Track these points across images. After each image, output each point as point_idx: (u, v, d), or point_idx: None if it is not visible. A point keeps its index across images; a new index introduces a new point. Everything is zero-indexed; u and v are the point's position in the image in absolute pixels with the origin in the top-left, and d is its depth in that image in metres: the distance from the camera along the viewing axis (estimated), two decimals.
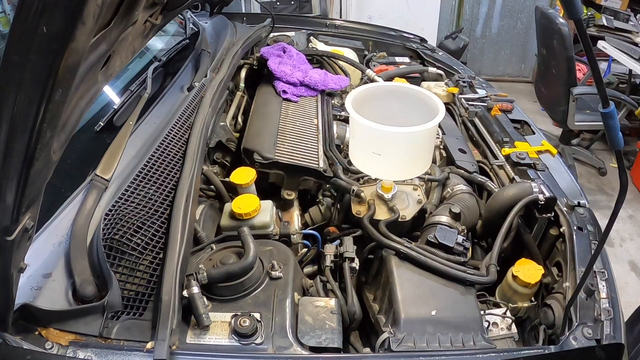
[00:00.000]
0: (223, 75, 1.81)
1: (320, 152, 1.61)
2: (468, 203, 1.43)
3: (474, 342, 1.04)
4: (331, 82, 1.96)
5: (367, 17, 4.73)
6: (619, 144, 0.72)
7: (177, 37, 2.29)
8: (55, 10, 0.60)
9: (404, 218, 1.32)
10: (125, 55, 1.25)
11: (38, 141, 0.70)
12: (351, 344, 1.20)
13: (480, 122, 1.92)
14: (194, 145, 1.41)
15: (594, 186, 3.78)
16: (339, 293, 1.18)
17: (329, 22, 2.89)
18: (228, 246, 1.18)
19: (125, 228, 1.13)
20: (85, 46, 0.72)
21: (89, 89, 0.99)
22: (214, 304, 1.06)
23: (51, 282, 1.01)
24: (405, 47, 2.71)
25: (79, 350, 0.92)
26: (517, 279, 1.22)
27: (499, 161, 1.68)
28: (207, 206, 1.41)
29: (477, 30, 5.30)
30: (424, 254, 1.18)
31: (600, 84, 0.67)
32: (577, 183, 1.55)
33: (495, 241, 1.29)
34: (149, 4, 1.32)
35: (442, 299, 1.12)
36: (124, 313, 1.02)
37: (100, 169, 1.22)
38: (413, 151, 1.22)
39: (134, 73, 1.84)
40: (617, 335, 1.05)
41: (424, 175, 1.48)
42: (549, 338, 1.15)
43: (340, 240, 1.29)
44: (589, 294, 1.12)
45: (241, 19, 2.77)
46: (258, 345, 0.98)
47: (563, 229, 1.33)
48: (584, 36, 0.63)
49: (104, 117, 1.53)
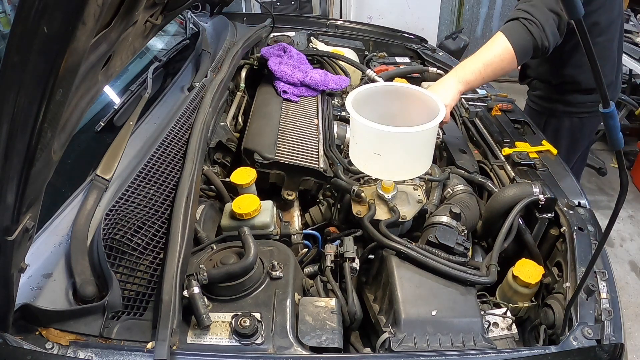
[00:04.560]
0: (223, 75, 1.81)
1: (320, 152, 1.61)
2: (468, 203, 1.43)
3: (475, 342, 1.04)
4: (331, 82, 1.96)
5: (368, 17, 4.74)
6: (619, 144, 0.72)
7: (177, 37, 2.29)
8: (56, 10, 0.60)
9: (405, 218, 1.32)
10: (126, 55, 1.26)
11: (38, 141, 0.70)
12: (351, 344, 1.20)
13: (480, 122, 1.92)
14: (195, 146, 1.41)
15: (594, 186, 3.78)
16: (339, 293, 1.18)
17: (329, 22, 2.89)
18: (228, 246, 1.18)
19: (126, 228, 1.13)
20: (85, 46, 0.72)
21: (89, 89, 0.99)
22: (215, 304, 1.06)
23: (51, 282, 1.01)
24: (405, 47, 2.71)
25: (79, 350, 0.92)
26: (518, 279, 1.22)
27: (499, 161, 1.68)
28: (207, 206, 1.41)
29: (478, 30, 5.31)
30: (425, 254, 1.18)
31: (601, 84, 0.67)
32: (578, 183, 1.55)
33: (496, 241, 1.29)
34: (150, 4, 1.32)
35: (442, 299, 1.12)
36: (124, 313, 1.02)
37: (101, 169, 1.22)
38: (413, 151, 1.22)
39: (134, 73, 1.84)
40: (617, 335, 1.05)
41: (425, 176, 1.48)
42: (549, 338, 1.15)
43: (341, 241, 1.29)
44: (589, 294, 1.12)
45: (241, 19, 2.78)
46: (258, 346, 0.98)
47: (563, 229, 1.33)
48: (585, 36, 0.63)
49: (105, 117, 1.53)
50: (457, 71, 1.70)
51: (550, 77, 2.09)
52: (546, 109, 2.16)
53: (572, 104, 2.08)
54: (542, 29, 1.62)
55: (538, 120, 2.15)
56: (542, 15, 1.62)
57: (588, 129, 2.16)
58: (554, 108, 2.13)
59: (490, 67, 1.66)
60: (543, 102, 2.18)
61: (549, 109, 2.15)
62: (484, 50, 1.69)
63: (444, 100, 1.60)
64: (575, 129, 2.13)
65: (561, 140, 2.12)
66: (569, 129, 2.13)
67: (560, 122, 2.13)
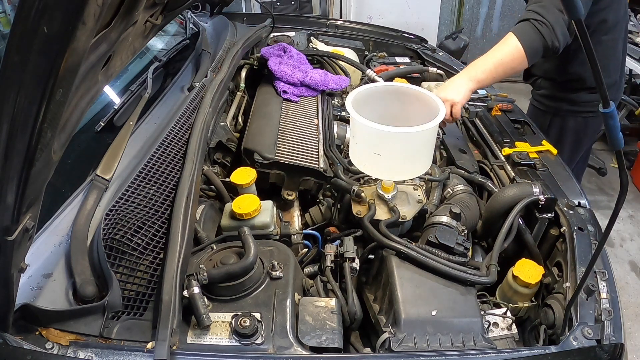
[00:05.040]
0: (223, 75, 1.81)
1: (320, 152, 1.61)
2: (468, 203, 1.43)
3: (475, 342, 1.04)
4: (331, 82, 1.96)
5: (368, 17, 4.74)
6: (619, 144, 0.72)
7: (177, 37, 2.29)
8: (56, 10, 0.60)
9: (405, 218, 1.32)
10: (126, 55, 1.26)
11: (38, 141, 0.70)
12: (351, 344, 1.20)
13: (480, 122, 1.92)
14: (195, 146, 1.41)
15: (594, 186, 3.78)
16: (339, 293, 1.18)
17: (329, 22, 2.89)
18: (228, 246, 1.18)
19: (126, 228, 1.13)
20: (85, 46, 0.72)
21: (89, 89, 0.99)
22: (215, 304, 1.06)
23: (51, 282, 1.01)
24: (405, 47, 2.71)
25: (79, 350, 0.92)
26: (518, 279, 1.22)
27: (499, 161, 1.68)
28: (207, 206, 1.41)
29: (478, 30, 5.30)
30: (425, 254, 1.18)
31: (601, 84, 0.67)
32: (578, 183, 1.55)
33: (496, 241, 1.29)
34: (150, 4, 1.32)
35: (442, 299, 1.12)
36: (124, 313, 1.02)
37: (101, 169, 1.22)
38: (413, 151, 1.22)
39: (134, 73, 1.84)
40: (617, 335, 1.05)
41: (425, 176, 1.48)
42: (549, 338, 1.15)
43: (341, 241, 1.29)
44: (589, 294, 1.12)
45: (241, 19, 2.78)
46: (258, 346, 0.98)
47: (563, 229, 1.33)
48: (585, 36, 0.63)
49: (105, 117, 1.53)
50: (469, 70, 1.73)
51: (555, 75, 2.10)
52: (551, 108, 2.17)
53: (577, 103, 2.09)
54: (552, 29, 1.64)
55: (542, 119, 2.16)
56: (552, 16, 1.65)
57: (591, 129, 2.17)
58: (559, 107, 2.13)
59: (501, 67, 1.69)
60: (548, 101, 2.18)
61: (553, 107, 2.16)
62: (495, 49, 1.72)
63: (455, 97, 1.64)
64: (579, 129, 2.14)
65: (565, 140, 2.13)
66: (573, 128, 2.13)
67: (564, 121, 2.14)
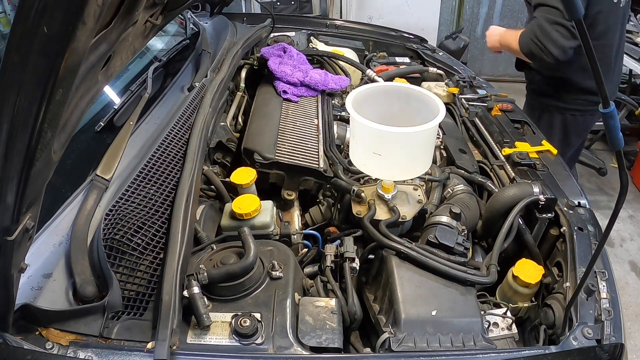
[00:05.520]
0: (223, 75, 1.81)
1: (320, 152, 1.61)
2: (468, 203, 1.43)
3: (475, 342, 1.04)
4: (331, 82, 1.96)
5: (368, 18, 4.74)
6: (619, 144, 0.72)
7: (177, 37, 2.29)
8: (56, 10, 0.60)
9: (405, 218, 1.32)
10: (126, 55, 1.26)
11: (38, 141, 0.70)
12: (351, 344, 1.20)
13: (480, 122, 1.92)
14: (195, 146, 1.41)
15: (594, 186, 3.78)
16: (339, 293, 1.18)
17: (329, 22, 2.89)
18: (228, 246, 1.18)
19: (126, 228, 1.13)
20: (85, 46, 0.72)
21: (89, 89, 0.99)
22: (215, 304, 1.06)
23: (51, 282, 1.01)
24: (405, 47, 2.72)
25: (79, 350, 0.92)
26: (518, 279, 1.22)
27: (499, 161, 1.68)
28: (207, 206, 1.41)
29: (478, 30, 5.30)
30: (425, 254, 1.18)
31: (601, 84, 0.67)
32: (578, 183, 1.55)
33: (496, 241, 1.29)
34: (150, 4, 1.32)
35: (442, 299, 1.12)
36: (124, 313, 1.02)
37: (101, 169, 1.22)
38: (413, 151, 1.22)
39: (134, 73, 1.84)
40: (617, 335, 1.05)
41: (425, 176, 1.48)
42: (549, 338, 1.15)
43: (341, 241, 1.29)
44: (589, 294, 1.12)
45: (241, 19, 2.78)
46: (258, 346, 0.98)
47: (563, 229, 1.32)
48: (585, 36, 0.63)
49: (105, 117, 1.53)
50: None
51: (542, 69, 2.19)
52: (540, 104, 2.26)
53: (563, 100, 2.17)
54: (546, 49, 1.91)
55: (532, 114, 2.22)
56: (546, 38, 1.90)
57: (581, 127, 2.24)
58: (547, 102, 2.22)
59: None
60: (537, 96, 2.27)
61: (542, 103, 2.25)
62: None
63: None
64: (567, 126, 2.20)
65: (553, 136, 2.19)
66: (560, 125, 2.19)
67: (552, 117, 2.20)
